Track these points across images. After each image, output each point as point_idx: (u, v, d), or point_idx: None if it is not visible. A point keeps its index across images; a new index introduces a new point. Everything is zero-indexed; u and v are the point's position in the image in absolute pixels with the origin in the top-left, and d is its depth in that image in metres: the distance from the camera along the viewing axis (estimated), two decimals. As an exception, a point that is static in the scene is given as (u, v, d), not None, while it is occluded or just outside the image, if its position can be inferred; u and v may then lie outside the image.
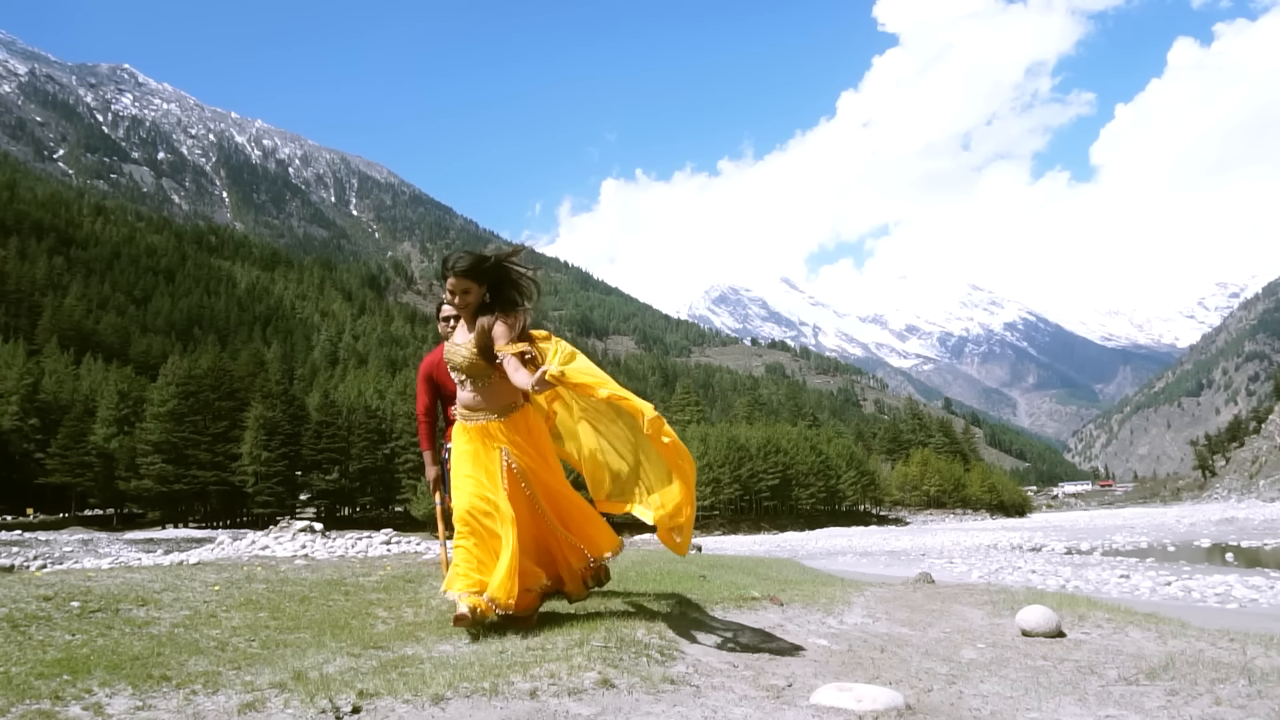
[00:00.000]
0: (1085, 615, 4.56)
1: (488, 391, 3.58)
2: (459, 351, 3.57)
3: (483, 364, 3.51)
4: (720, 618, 4.13)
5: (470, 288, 3.50)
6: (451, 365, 3.62)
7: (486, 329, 3.49)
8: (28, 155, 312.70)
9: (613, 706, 2.34)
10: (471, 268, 3.48)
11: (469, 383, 3.58)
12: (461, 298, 3.50)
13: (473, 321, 3.57)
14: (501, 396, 3.58)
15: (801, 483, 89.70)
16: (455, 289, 3.50)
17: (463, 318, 3.62)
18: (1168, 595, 11.74)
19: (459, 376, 3.60)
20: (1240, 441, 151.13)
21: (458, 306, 3.53)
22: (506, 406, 3.60)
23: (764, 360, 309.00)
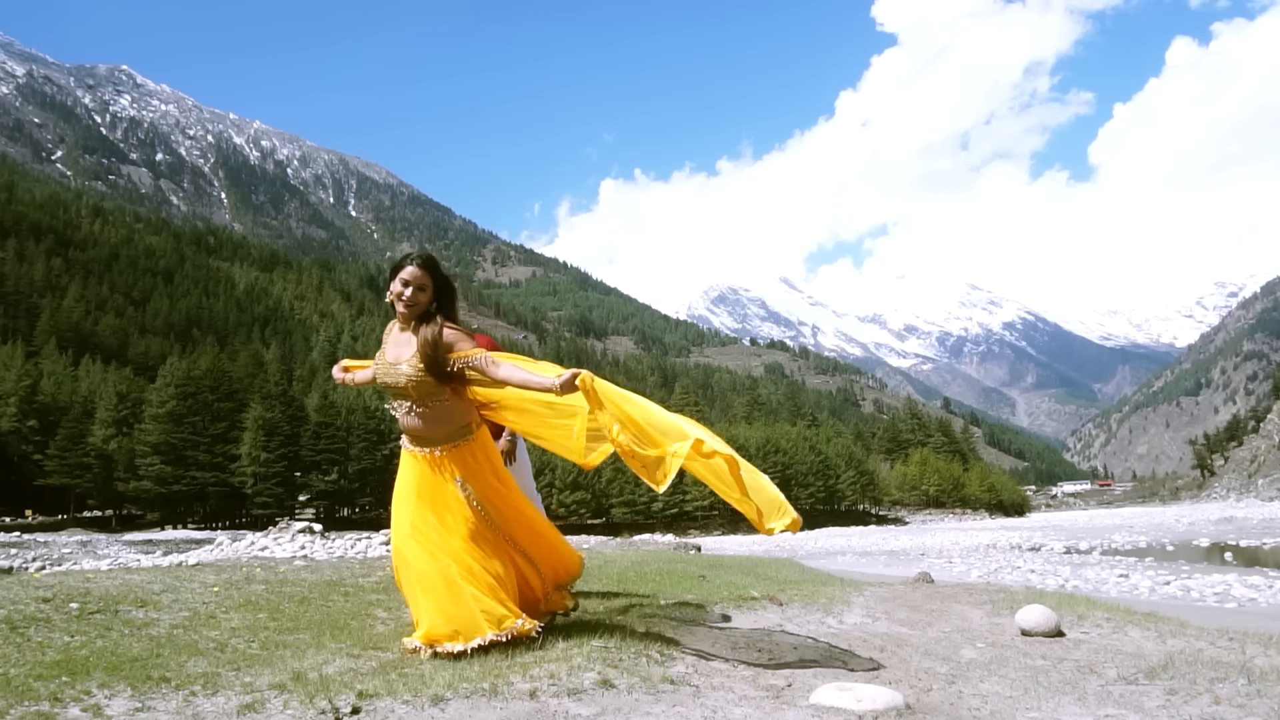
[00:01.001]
0: (1084, 615, 4.56)
1: (439, 415, 3.13)
2: (399, 370, 3.08)
3: (431, 382, 3.07)
4: (720, 617, 4.13)
5: (428, 286, 3.12)
6: (389, 388, 3.14)
7: (435, 339, 3.05)
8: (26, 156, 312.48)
9: (612, 706, 2.34)
10: (434, 263, 3.14)
11: (414, 407, 3.11)
12: (415, 294, 3.09)
13: (414, 330, 3.13)
14: (455, 418, 3.16)
15: (801, 482, 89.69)
16: (415, 283, 3.09)
17: (400, 328, 3.17)
18: (1167, 594, 11.75)
19: (401, 402, 3.13)
20: (1239, 441, 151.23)
21: (407, 305, 3.08)
22: (460, 430, 3.18)
23: (763, 360, 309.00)
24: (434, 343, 3.04)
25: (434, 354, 3.04)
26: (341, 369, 3.56)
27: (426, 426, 3.13)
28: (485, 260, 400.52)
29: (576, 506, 74.95)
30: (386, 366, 3.13)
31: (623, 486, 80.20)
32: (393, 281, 3.11)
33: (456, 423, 3.16)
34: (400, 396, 3.13)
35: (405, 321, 3.15)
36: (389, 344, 3.19)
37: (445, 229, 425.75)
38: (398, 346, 3.14)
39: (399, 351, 3.12)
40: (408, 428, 3.16)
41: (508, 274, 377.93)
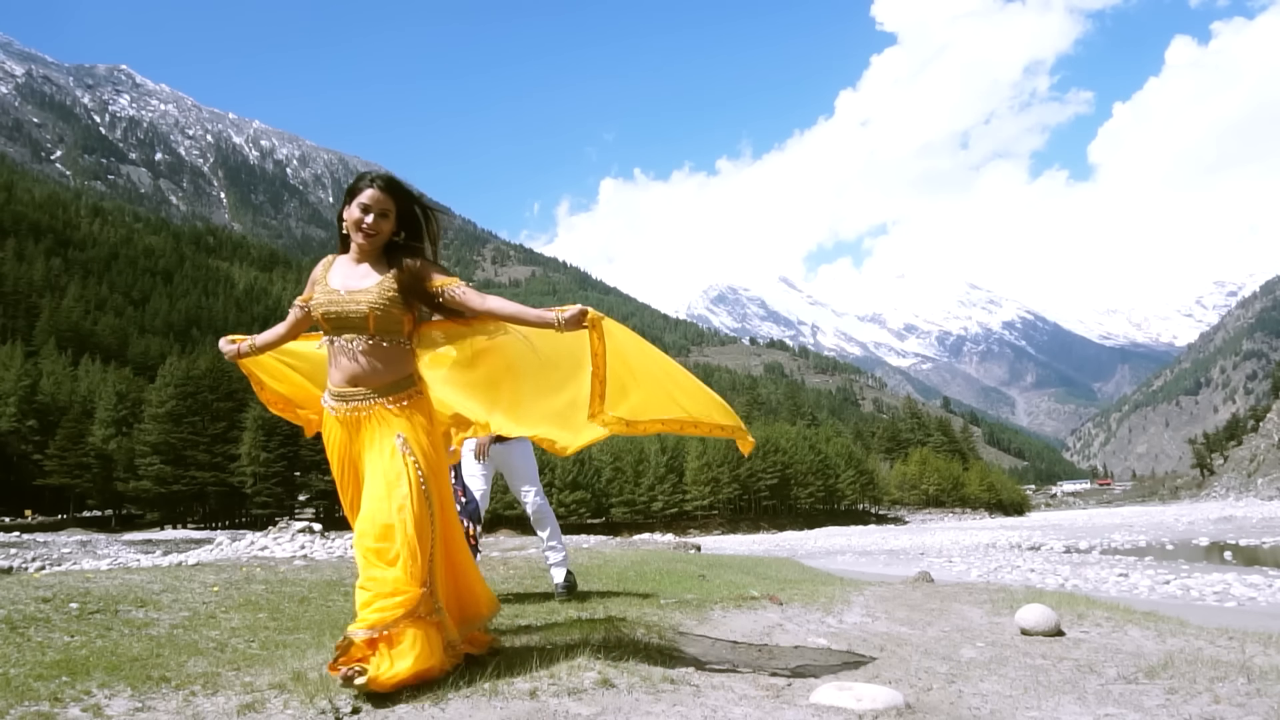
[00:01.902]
0: (1084, 614, 4.57)
1: (392, 356, 2.70)
2: (358, 296, 2.65)
3: (396, 313, 2.68)
4: (720, 617, 4.13)
5: (390, 212, 2.71)
6: (337, 320, 2.67)
7: (412, 266, 2.70)
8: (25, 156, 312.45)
9: (613, 706, 2.34)
10: (396, 186, 2.73)
11: (366, 344, 2.66)
12: (377, 222, 2.67)
13: (373, 265, 2.73)
14: (406, 363, 2.74)
15: (800, 482, 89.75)
16: (376, 208, 2.67)
17: (355, 259, 2.74)
18: (1166, 594, 11.75)
19: (347, 339, 2.67)
20: (1238, 440, 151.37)
21: (367, 233, 2.66)
22: (407, 379, 2.73)
23: (762, 360, 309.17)
24: (409, 271, 2.69)
25: (409, 281, 2.68)
26: (230, 340, 3.08)
27: (374, 370, 2.67)
28: (485, 260, 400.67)
29: (576, 506, 74.94)
30: (338, 295, 2.66)
31: (622, 486, 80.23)
32: (348, 207, 2.70)
33: (406, 369, 2.74)
34: (351, 330, 2.66)
35: (362, 255, 2.72)
36: (335, 274, 2.73)
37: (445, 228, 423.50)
38: (350, 278, 2.70)
39: (356, 280, 2.69)
40: (349, 373, 2.66)
41: (507, 274, 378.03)
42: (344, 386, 2.68)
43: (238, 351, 3.04)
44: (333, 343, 2.70)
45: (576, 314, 2.61)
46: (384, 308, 2.65)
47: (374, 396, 2.66)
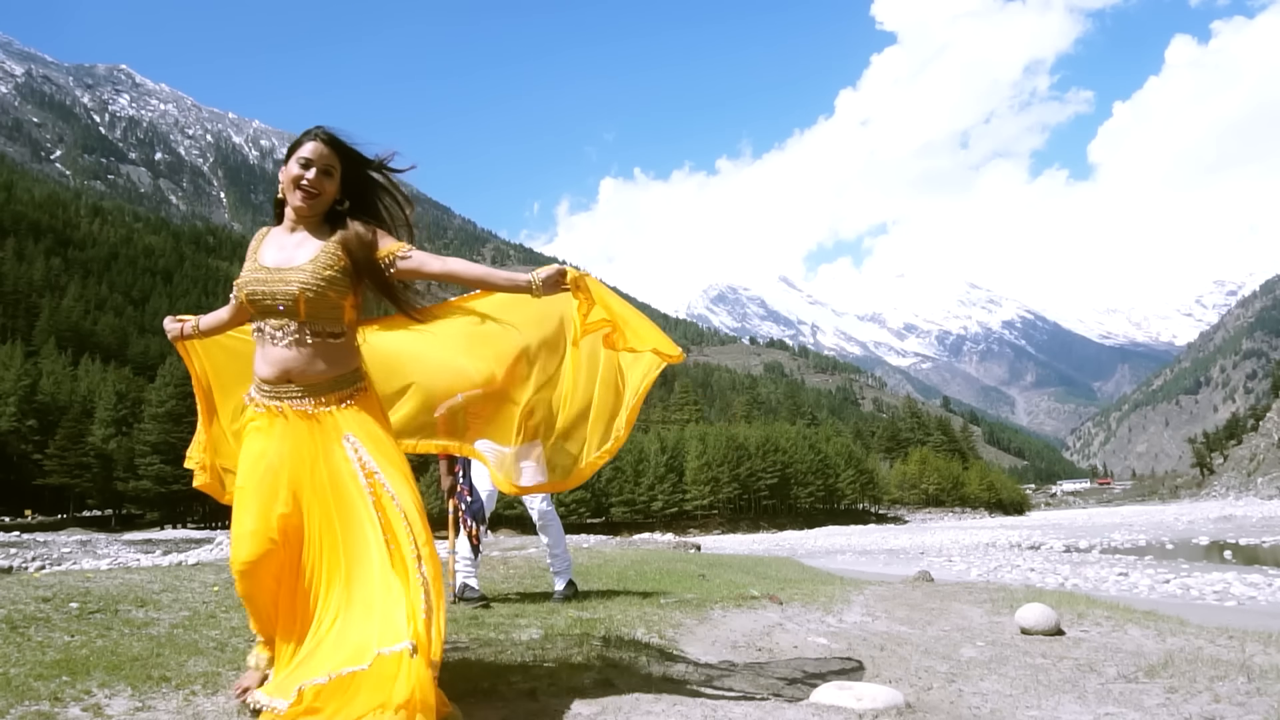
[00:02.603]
0: (1084, 613, 4.57)
1: (331, 349, 2.27)
2: (288, 276, 2.22)
3: (333, 297, 2.24)
4: (720, 617, 4.13)
5: (334, 170, 2.31)
6: (263, 304, 2.24)
7: (359, 236, 2.28)
8: (25, 156, 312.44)
9: (613, 706, 2.34)
10: (343, 143, 2.34)
11: (298, 333, 2.23)
12: (319, 179, 2.27)
13: (313, 232, 2.32)
14: (349, 356, 2.32)
15: (800, 481, 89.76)
16: (319, 164, 2.28)
17: (290, 227, 2.34)
18: (1166, 593, 11.75)
19: (276, 327, 2.23)
20: (1238, 439, 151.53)
21: (307, 191, 2.26)
22: (353, 374, 2.31)
23: (762, 359, 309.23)
24: (355, 239, 2.27)
25: (363, 248, 2.27)
26: (175, 319, 2.66)
27: (311, 363, 2.24)
28: (484, 259, 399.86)
29: (576, 505, 74.97)
30: (266, 273, 2.24)
31: (622, 486, 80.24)
32: (288, 164, 2.32)
33: (350, 363, 2.32)
34: (280, 317, 2.23)
35: (300, 219, 2.31)
36: (268, 248, 2.32)
37: (444, 228, 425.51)
38: (284, 249, 2.28)
39: (289, 254, 2.27)
40: (282, 366, 2.23)
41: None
42: (274, 381, 2.24)
43: (180, 332, 2.62)
44: (260, 330, 2.27)
45: (554, 274, 2.28)
46: (318, 289, 2.20)
47: (319, 396, 2.24)
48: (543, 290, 2.27)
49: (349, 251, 2.26)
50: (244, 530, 2.16)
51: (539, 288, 2.26)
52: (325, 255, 2.24)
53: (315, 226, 2.32)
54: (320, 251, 2.25)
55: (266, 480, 2.18)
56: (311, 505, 2.19)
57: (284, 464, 2.19)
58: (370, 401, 2.33)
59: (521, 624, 3.68)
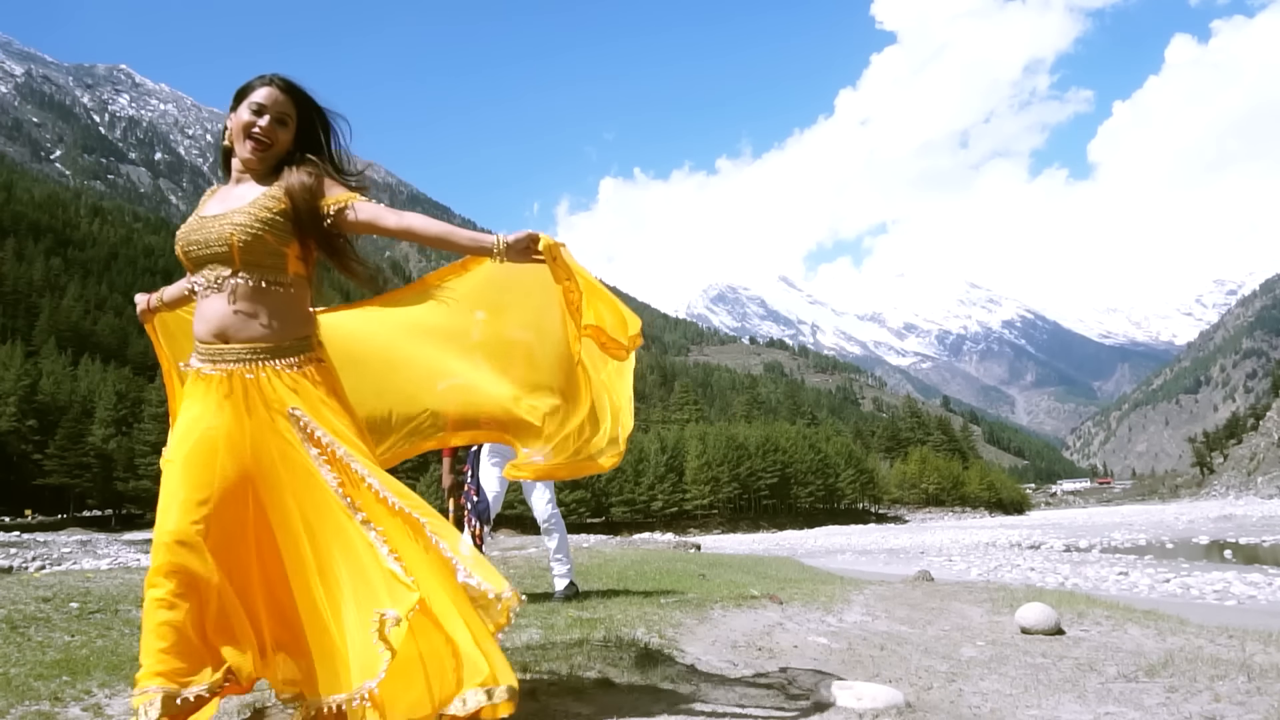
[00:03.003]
0: (1084, 612, 4.57)
1: (273, 303, 2.00)
2: (222, 221, 1.99)
3: (271, 242, 1.98)
4: (720, 616, 4.13)
5: (289, 119, 2.09)
6: (197, 254, 2.00)
7: (304, 182, 2.03)
8: (24, 156, 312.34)
9: (613, 705, 2.34)
10: (298, 90, 2.10)
11: (233, 283, 1.98)
12: (273, 128, 2.05)
13: (263, 179, 2.08)
14: (296, 314, 2.05)
15: (800, 481, 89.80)
16: (273, 110, 2.06)
17: (236, 178, 2.11)
18: (1166, 592, 11.75)
19: (211, 277, 1.99)
20: (1238, 439, 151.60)
21: (258, 140, 2.04)
22: (302, 340, 2.05)
23: (762, 359, 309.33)
24: (302, 187, 2.02)
25: (306, 194, 2.02)
26: (143, 295, 2.45)
27: (249, 319, 1.97)
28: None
29: (576, 505, 75.00)
30: (201, 221, 2.02)
31: (622, 485, 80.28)
32: (237, 110, 2.08)
33: (298, 326, 2.05)
34: (214, 263, 1.99)
35: (248, 170, 2.09)
36: (211, 202, 2.10)
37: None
38: (226, 201, 2.06)
39: (228, 204, 2.04)
40: (218, 323, 1.97)
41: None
42: (210, 340, 1.98)
43: (147, 305, 2.42)
44: (197, 286, 2.03)
45: (524, 239, 2.01)
46: (255, 232, 1.95)
47: (251, 357, 1.96)
48: (506, 255, 2.01)
49: (291, 196, 2.01)
50: (175, 500, 1.88)
51: (502, 252, 2.00)
52: (265, 197, 2.01)
53: (263, 178, 2.08)
54: (261, 195, 2.02)
55: (201, 451, 1.90)
56: (263, 487, 1.93)
57: (221, 435, 1.91)
58: (327, 376, 2.05)
59: (521, 624, 3.68)
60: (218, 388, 1.96)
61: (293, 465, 1.93)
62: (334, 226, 2.05)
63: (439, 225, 2.07)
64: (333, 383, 2.07)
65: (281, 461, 1.93)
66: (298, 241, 2.04)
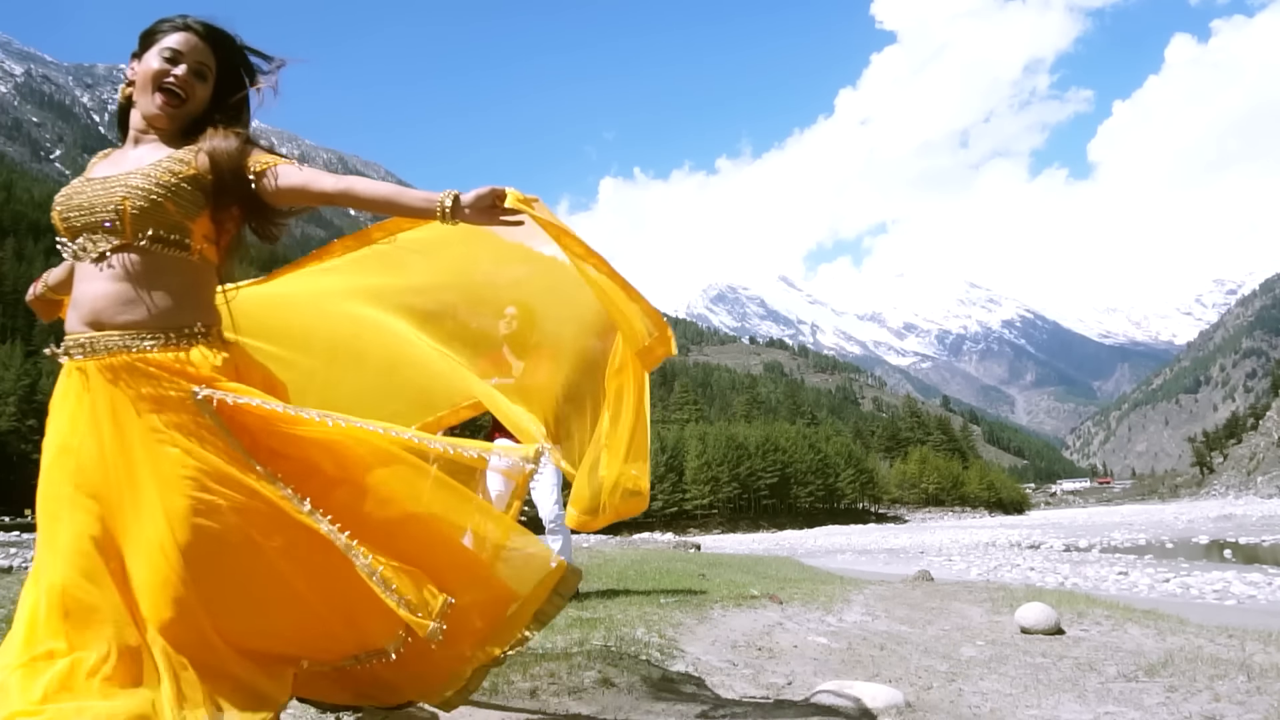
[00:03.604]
0: (1084, 612, 4.57)
1: (170, 280, 1.64)
2: (114, 184, 1.63)
3: (171, 210, 1.62)
4: (720, 616, 4.13)
5: (209, 72, 1.75)
6: (79, 220, 1.63)
7: (224, 145, 1.69)
8: (24, 156, 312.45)
9: (613, 705, 2.33)
10: (222, 39, 1.77)
11: (120, 258, 1.60)
12: (189, 80, 1.71)
13: (171, 141, 1.73)
14: (200, 295, 1.69)
15: (800, 481, 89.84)
16: (188, 57, 1.71)
17: (144, 131, 1.74)
18: (1166, 592, 11.75)
19: (96, 246, 1.61)
20: (1238, 438, 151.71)
21: (171, 92, 1.69)
22: (205, 328, 1.67)
23: (762, 359, 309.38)
24: (225, 148, 1.69)
25: (226, 158, 1.68)
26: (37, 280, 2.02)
27: (135, 301, 1.60)
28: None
29: (576, 505, 75.02)
30: (86, 184, 1.66)
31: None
32: (144, 55, 1.73)
33: (196, 310, 1.67)
34: (97, 233, 1.62)
35: (154, 129, 1.74)
36: (102, 165, 1.76)
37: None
38: (121, 164, 1.70)
39: (123, 166, 1.69)
40: (95, 305, 1.60)
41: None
42: (84, 327, 1.60)
43: (33, 293, 2.03)
44: (75, 261, 1.66)
45: (486, 195, 1.65)
46: (154, 198, 1.60)
47: (135, 341, 1.58)
48: (456, 215, 1.65)
49: (214, 160, 1.68)
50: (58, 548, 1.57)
51: (448, 212, 1.64)
52: (170, 160, 1.66)
53: (170, 139, 1.74)
54: (166, 157, 1.67)
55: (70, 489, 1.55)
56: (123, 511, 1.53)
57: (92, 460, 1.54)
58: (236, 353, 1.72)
59: (521, 623, 3.67)
60: (92, 388, 1.57)
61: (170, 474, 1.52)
62: (260, 194, 1.72)
63: (385, 187, 1.75)
64: (235, 365, 1.70)
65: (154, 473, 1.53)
66: (209, 217, 1.70)
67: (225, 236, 1.76)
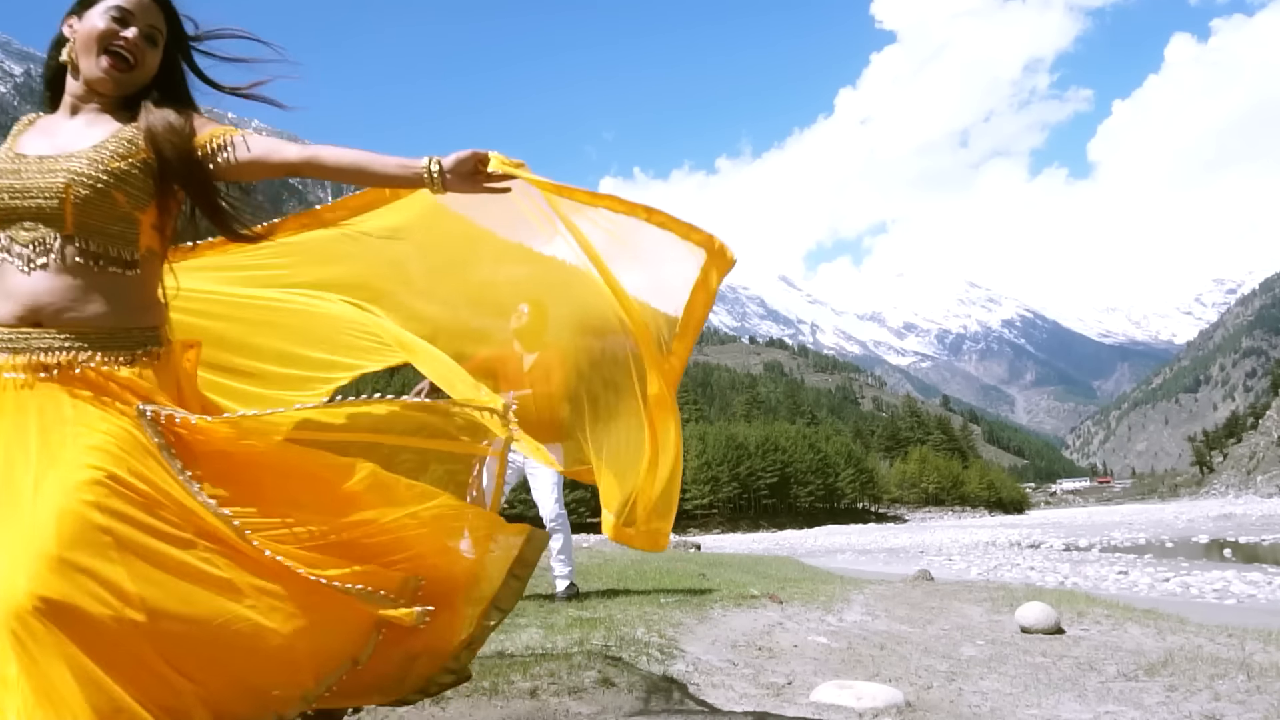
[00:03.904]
0: (1084, 612, 4.57)
1: (113, 283, 1.45)
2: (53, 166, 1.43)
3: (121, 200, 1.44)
4: (720, 616, 4.13)
5: (159, 36, 1.57)
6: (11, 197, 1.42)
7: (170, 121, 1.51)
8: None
9: (613, 705, 2.34)
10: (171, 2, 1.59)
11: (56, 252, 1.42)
12: (139, 45, 1.53)
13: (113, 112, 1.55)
14: (137, 304, 1.49)
15: (800, 481, 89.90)
16: (138, 18, 1.53)
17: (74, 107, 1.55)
18: (1166, 591, 11.75)
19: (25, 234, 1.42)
20: (1238, 438, 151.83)
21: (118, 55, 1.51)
22: (150, 331, 1.50)
23: (762, 358, 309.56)
24: (172, 125, 1.51)
25: (173, 135, 1.50)
26: None
27: (77, 299, 1.43)
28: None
29: (576, 505, 74.79)
30: (20, 163, 1.45)
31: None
32: (87, 13, 1.52)
33: (145, 315, 1.51)
34: (32, 220, 1.42)
35: (96, 96, 1.54)
36: (31, 136, 1.54)
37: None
38: (57, 136, 1.52)
39: (63, 142, 1.50)
40: (31, 301, 1.42)
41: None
42: (13, 324, 1.42)
43: None
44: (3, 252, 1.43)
45: (467, 160, 1.59)
46: (102, 187, 1.43)
47: (75, 345, 1.41)
48: (441, 183, 1.57)
49: (155, 141, 1.49)
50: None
51: (435, 179, 1.56)
52: (118, 142, 1.47)
53: (113, 111, 1.55)
54: (111, 137, 1.48)
55: None
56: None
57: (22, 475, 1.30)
58: (174, 366, 1.54)
59: (521, 624, 3.68)
60: (19, 396, 1.38)
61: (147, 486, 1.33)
62: (216, 172, 1.54)
63: (355, 152, 1.60)
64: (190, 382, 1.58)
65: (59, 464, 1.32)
66: (156, 206, 1.52)
67: (169, 222, 1.58)
